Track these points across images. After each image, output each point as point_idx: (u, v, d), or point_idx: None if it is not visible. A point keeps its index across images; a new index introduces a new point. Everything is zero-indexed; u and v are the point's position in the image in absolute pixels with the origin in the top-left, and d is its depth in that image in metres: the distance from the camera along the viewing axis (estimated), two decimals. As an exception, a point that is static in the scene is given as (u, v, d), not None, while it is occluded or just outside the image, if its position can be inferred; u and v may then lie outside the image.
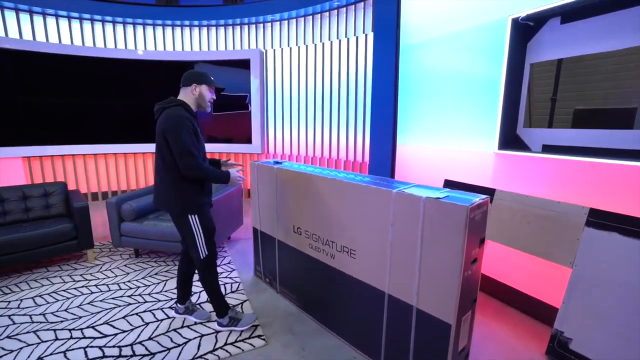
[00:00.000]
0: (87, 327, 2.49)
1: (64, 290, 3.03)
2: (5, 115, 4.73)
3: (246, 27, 5.35)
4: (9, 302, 2.86)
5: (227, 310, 2.42)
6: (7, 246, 3.06)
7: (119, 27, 5.22)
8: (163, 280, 3.22)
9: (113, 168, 5.59)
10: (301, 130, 5.18)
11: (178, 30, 5.38)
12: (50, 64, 4.85)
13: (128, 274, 3.36)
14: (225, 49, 5.40)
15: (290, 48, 5.06)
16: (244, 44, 5.40)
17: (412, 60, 3.54)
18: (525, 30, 2.65)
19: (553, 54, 2.53)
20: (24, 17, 4.73)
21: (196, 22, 5.24)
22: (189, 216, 2.14)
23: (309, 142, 5.13)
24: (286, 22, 5.15)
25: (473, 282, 1.74)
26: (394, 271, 1.87)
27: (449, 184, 3.09)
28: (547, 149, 2.60)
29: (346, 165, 4.77)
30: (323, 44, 4.78)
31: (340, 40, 4.61)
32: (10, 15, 4.67)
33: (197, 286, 3.07)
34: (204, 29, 5.39)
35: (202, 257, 2.23)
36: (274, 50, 5.20)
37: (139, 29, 5.30)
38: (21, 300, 2.89)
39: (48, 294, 2.98)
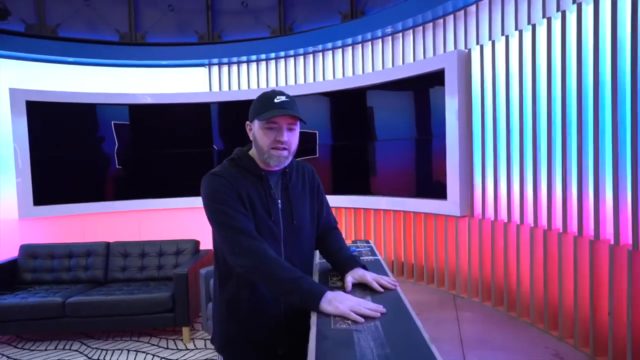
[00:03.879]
0: None
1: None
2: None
3: (441, 21, 3.54)
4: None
5: None
6: (109, 307, 2.86)
7: (291, 60, 4.71)
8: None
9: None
10: (527, 179, 2.82)
11: (359, 48, 4.27)
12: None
13: (195, 375, 2.49)
14: (414, 59, 3.79)
15: (507, 36, 2.84)
16: (438, 48, 3.60)
17: None
18: None
19: None
20: (214, 70, 4.87)
21: (379, 33, 3.94)
22: (217, 352, 1.38)
23: (542, 201, 2.69)
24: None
25: None
26: None
27: None
28: None
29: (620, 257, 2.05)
30: (567, 12, 2.32)
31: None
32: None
33: None
34: (389, 39, 4.00)
35: None
36: (481, 46, 3.12)
37: (310, 58, 4.57)
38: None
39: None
